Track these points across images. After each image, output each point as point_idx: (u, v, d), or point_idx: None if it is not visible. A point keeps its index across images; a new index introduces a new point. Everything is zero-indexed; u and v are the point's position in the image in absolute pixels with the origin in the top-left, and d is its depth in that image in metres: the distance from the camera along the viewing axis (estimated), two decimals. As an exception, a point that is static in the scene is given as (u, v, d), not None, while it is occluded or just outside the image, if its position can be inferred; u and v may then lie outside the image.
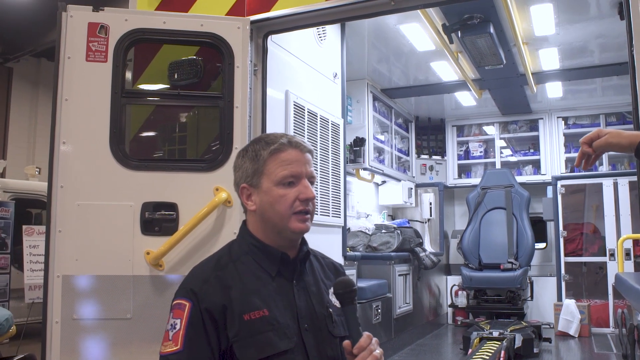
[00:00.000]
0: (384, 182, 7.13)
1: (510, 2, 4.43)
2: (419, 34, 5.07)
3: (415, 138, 7.99)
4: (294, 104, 3.77)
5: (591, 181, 6.70)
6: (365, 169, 6.20)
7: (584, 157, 1.85)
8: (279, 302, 1.57)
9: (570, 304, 6.18)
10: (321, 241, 4.04)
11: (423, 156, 8.04)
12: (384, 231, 5.92)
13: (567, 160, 7.40)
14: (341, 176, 4.39)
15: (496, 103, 7.23)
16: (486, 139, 8.01)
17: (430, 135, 8.16)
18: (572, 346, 5.76)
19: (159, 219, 2.77)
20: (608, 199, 6.46)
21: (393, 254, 5.57)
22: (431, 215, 7.48)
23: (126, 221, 2.73)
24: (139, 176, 2.78)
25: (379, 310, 4.99)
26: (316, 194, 3.89)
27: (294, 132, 3.75)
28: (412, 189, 7.36)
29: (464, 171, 8.07)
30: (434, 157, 8.05)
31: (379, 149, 6.76)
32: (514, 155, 7.97)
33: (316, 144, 4.04)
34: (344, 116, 4.54)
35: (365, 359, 1.43)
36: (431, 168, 7.96)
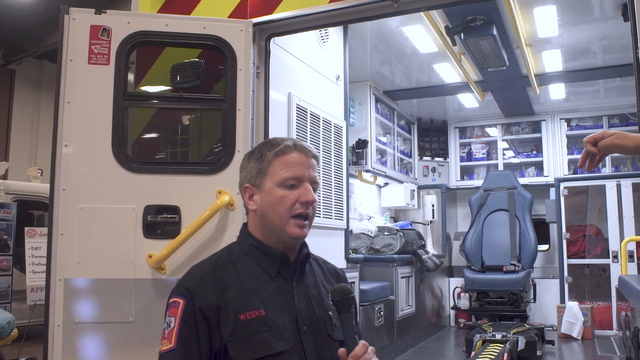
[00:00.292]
0: (386, 184, 7.12)
1: (514, 4, 4.41)
2: (421, 35, 5.06)
3: (417, 140, 7.97)
4: (297, 107, 3.77)
5: (594, 183, 6.68)
6: (367, 171, 6.19)
7: (587, 157, 1.84)
8: (277, 303, 1.57)
9: (573, 306, 6.16)
10: (324, 243, 4.03)
11: (425, 158, 8.03)
12: (386, 233, 5.91)
13: (570, 162, 7.38)
14: (344, 178, 4.38)
15: (499, 105, 7.21)
16: (489, 140, 7.99)
17: (432, 137, 8.15)
18: (575, 348, 5.74)
19: (161, 222, 2.77)
20: (611, 200, 6.44)
21: (395, 256, 5.56)
22: (433, 217, 7.46)
23: (128, 224, 2.73)
24: (141, 179, 2.77)
25: (381, 313, 4.98)
26: (319, 196, 3.89)
27: (297, 134, 3.75)
28: (414, 190, 7.34)
29: (466, 173, 8.06)
30: (437, 158, 8.03)
31: (382, 151, 6.75)
32: (517, 157, 7.95)
33: (319, 147, 4.03)
34: (346, 118, 4.53)
35: None
36: (434, 170, 7.94)
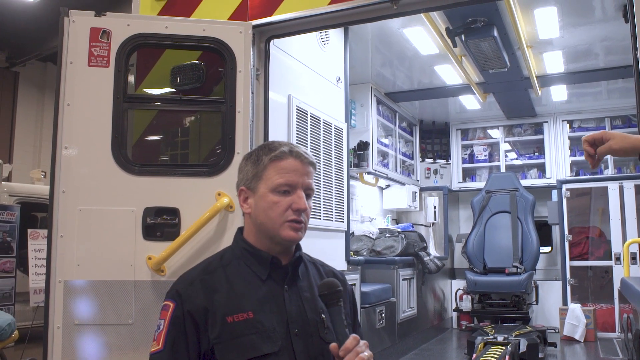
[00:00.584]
0: (388, 186, 7.11)
1: (514, 6, 4.41)
2: (422, 37, 5.06)
3: (419, 142, 7.97)
4: (297, 109, 3.77)
5: (596, 185, 6.66)
6: (369, 172, 6.18)
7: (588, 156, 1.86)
8: (266, 306, 1.58)
9: (575, 308, 6.14)
10: (324, 245, 4.03)
11: (427, 160, 8.02)
12: (387, 235, 5.90)
13: (573, 164, 7.36)
14: (344, 180, 4.38)
15: (501, 106, 7.20)
16: (491, 142, 7.98)
17: (434, 138, 8.14)
18: (577, 351, 5.72)
19: (160, 224, 2.77)
20: (614, 202, 6.41)
21: (397, 258, 5.55)
22: (435, 219, 7.45)
23: (128, 226, 2.73)
24: (140, 181, 2.77)
25: (382, 315, 4.97)
26: (319, 198, 3.89)
27: (297, 136, 3.75)
28: (416, 192, 7.33)
29: (468, 175, 8.04)
30: (439, 160, 8.02)
31: (383, 153, 6.75)
32: (519, 159, 7.94)
33: (319, 149, 4.03)
34: (347, 120, 4.53)
35: None
36: (436, 172, 7.94)
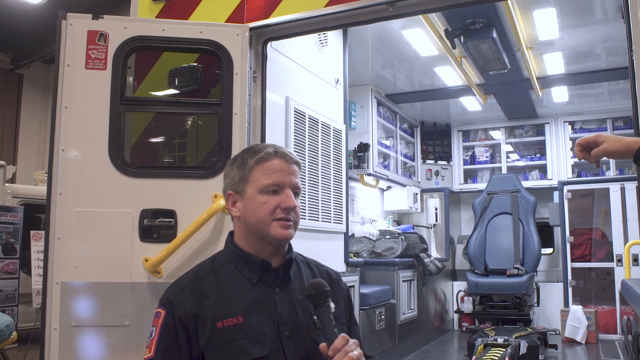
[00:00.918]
0: (389, 187, 7.11)
1: (513, 7, 4.41)
2: (421, 39, 5.06)
3: (420, 143, 7.96)
4: (295, 110, 3.77)
5: (598, 186, 6.64)
6: (369, 174, 6.18)
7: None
8: (257, 309, 1.59)
9: (577, 310, 6.12)
10: (322, 247, 4.03)
11: (429, 161, 8.01)
12: (388, 237, 5.90)
13: (574, 165, 7.34)
14: (343, 182, 4.39)
15: (502, 108, 7.19)
16: (492, 143, 7.97)
17: (435, 140, 8.13)
18: (578, 353, 5.70)
19: (157, 226, 2.78)
20: (615, 204, 6.39)
21: (397, 259, 5.55)
22: (437, 221, 7.44)
23: (125, 228, 2.74)
24: (137, 183, 2.78)
25: (382, 317, 4.97)
26: (318, 200, 3.89)
27: (295, 138, 3.75)
28: (417, 194, 7.33)
29: (470, 176, 8.03)
30: (440, 162, 8.01)
31: (384, 155, 6.75)
32: (520, 160, 7.92)
33: (317, 150, 4.03)
34: (346, 122, 4.53)
35: None
36: (437, 173, 7.93)
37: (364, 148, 6.03)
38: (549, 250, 7.38)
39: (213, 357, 1.52)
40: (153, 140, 3.38)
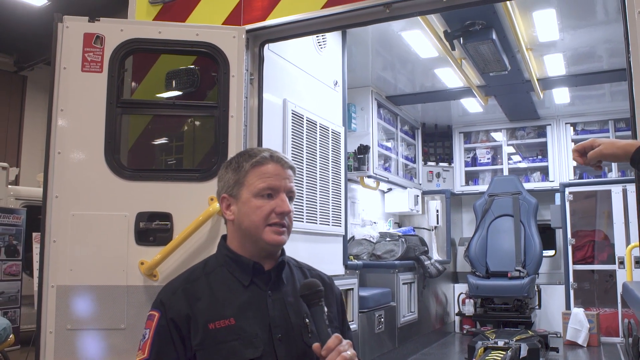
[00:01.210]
0: (389, 189, 7.09)
1: (512, 8, 4.39)
2: (421, 40, 5.04)
3: (422, 145, 7.94)
4: (292, 113, 3.76)
5: (600, 188, 6.61)
6: (369, 176, 6.17)
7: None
8: (249, 311, 1.59)
9: (578, 312, 6.08)
10: (320, 250, 4.02)
11: (430, 163, 7.99)
12: (388, 239, 5.88)
13: (576, 167, 7.31)
14: (342, 184, 4.37)
15: (503, 109, 7.17)
16: (493, 145, 7.94)
17: (437, 142, 8.11)
18: (580, 356, 5.67)
19: (153, 229, 2.77)
20: (617, 205, 6.37)
21: (397, 262, 5.53)
22: (438, 223, 7.42)
23: (121, 231, 2.74)
24: (133, 186, 2.78)
25: (382, 320, 4.95)
26: (316, 202, 3.88)
27: (292, 140, 3.74)
28: (418, 196, 7.31)
29: (471, 178, 8.01)
30: (441, 164, 7.99)
31: (385, 157, 6.73)
32: (522, 162, 7.89)
33: (316, 153, 4.02)
34: (345, 124, 4.52)
35: None
36: (438, 175, 7.91)
37: (364, 150, 6.02)
38: (550, 253, 7.35)
39: (205, 358, 1.53)
40: (150, 142, 3.37)
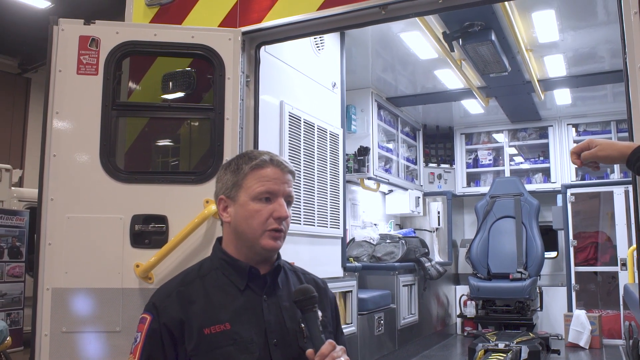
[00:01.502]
0: (390, 191, 7.08)
1: (511, 9, 4.37)
2: (420, 42, 5.02)
3: (423, 146, 7.92)
4: (289, 115, 3.76)
5: (602, 189, 6.58)
6: (369, 178, 6.15)
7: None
8: (244, 316, 1.58)
9: (580, 314, 6.05)
10: (318, 252, 4.01)
11: (431, 165, 7.97)
12: (388, 241, 5.87)
13: (578, 168, 7.27)
14: (340, 186, 4.36)
15: (504, 111, 7.14)
16: (495, 146, 7.91)
17: (438, 143, 8.09)
18: (582, 358, 5.64)
19: (149, 231, 2.76)
20: (619, 207, 6.34)
21: (397, 264, 5.51)
22: (439, 224, 7.40)
23: (116, 234, 2.73)
24: (129, 189, 2.77)
25: (381, 322, 4.94)
26: (314, 204, 3.87)
27: (289, 142, 3.73)
28: (419, 197, 7.29)
29: (472, 179, 7.99)
30: (443, 165, 7.97)
31: (386, 158, 6.71)
32: (524, 163, 7.86)
33: (313, 154, 4.01)
34: (343, 126, 4.51)
35: None
36: (439, 176, 7.89)
37: (364, 152, 6.00)
38: (552, 254, 7.32)
39: None
40: (147, 145, 3.37)
